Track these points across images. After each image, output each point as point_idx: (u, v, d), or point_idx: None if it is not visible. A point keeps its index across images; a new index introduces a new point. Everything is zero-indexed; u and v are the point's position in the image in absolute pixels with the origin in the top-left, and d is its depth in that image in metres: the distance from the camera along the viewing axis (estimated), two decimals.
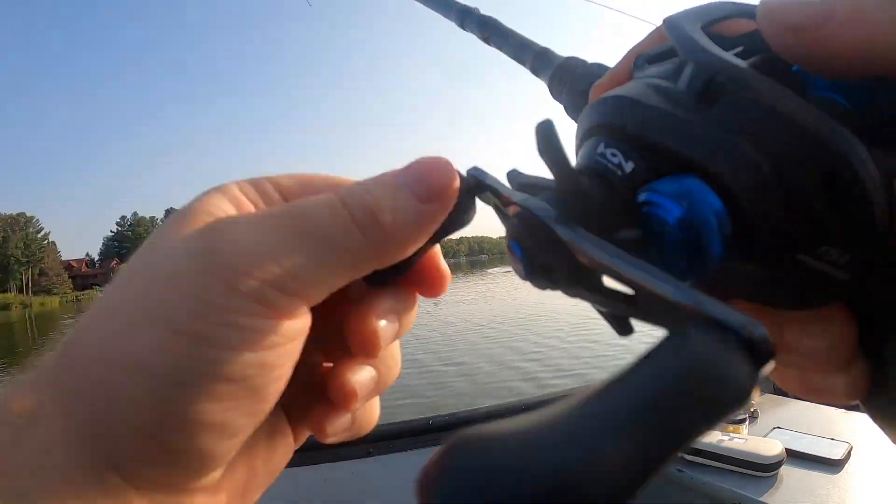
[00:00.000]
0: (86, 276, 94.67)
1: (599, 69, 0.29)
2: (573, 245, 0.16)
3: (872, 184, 0.16)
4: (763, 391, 2.43)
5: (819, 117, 0.16)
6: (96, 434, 0.19)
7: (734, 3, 0.20)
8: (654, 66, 0.20)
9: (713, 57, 0.17)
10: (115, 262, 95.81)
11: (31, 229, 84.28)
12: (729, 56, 0.17)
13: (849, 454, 1.59)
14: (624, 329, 0.19)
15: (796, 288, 0.18)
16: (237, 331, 0.19)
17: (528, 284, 0.19)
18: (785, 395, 2.56)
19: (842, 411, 1.97)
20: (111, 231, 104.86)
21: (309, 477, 1.74)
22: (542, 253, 0.18)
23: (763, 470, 1.56)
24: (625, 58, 0.23)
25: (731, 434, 1.73)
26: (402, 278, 0.25)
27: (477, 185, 0.23)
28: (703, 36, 0.18)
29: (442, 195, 0.22)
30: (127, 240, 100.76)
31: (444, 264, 0.26)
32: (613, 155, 0.18)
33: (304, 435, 0.29)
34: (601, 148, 0.19)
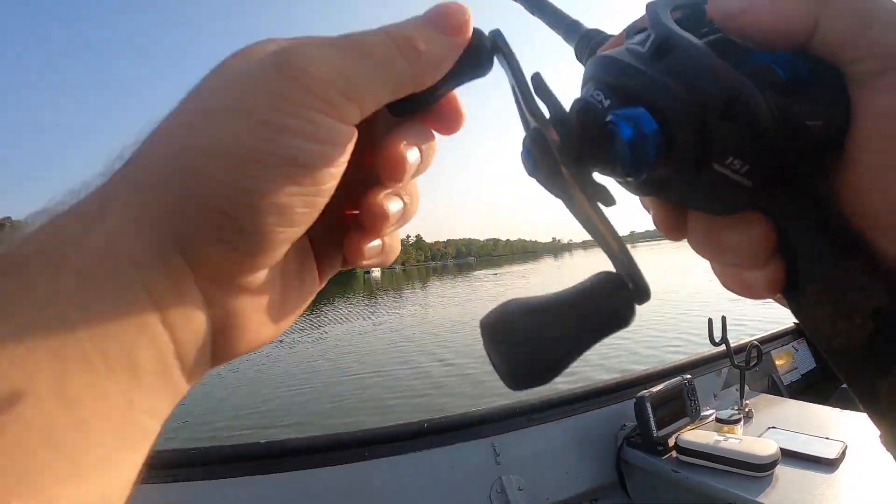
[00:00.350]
0: None
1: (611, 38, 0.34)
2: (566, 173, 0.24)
3: (762, 112, 0.22)
4: (758, 391, 2.44)
5: (724, 65, 0.23)
6: (169, 217, 0.21)
7: None
8: (637, 35, 0.26)
9: (665, 28, 0.24)
10: None
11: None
12: (677, 29, 0.24)
13: (844, 453, 1.60)
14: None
15: (717, 195, 0.24)
16: (308, 123, 0.22)
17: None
18: (780, 394, 2.57)
19: (836, 410, 1.97)
20: None
21: (308, 481, 1.73)
22: (545, 162, 0.25)
23: (758, 470, 1.56)
24: (623, 30, 0.29)
25: (726, 434, 1.73)
26: (425, 115, 0.29)
27: (494, 43, 0.28)
28: (667, 16, 0.25)
29: (460, 29, 0.26)
30: None
31: (461, 105, 0.30)
32: (597, 94, 0.26)
33: (328, 272, 0.32)
34: (591, 90, 0.26)
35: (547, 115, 0.25)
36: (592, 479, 1.95)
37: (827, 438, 1.67)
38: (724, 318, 2.17)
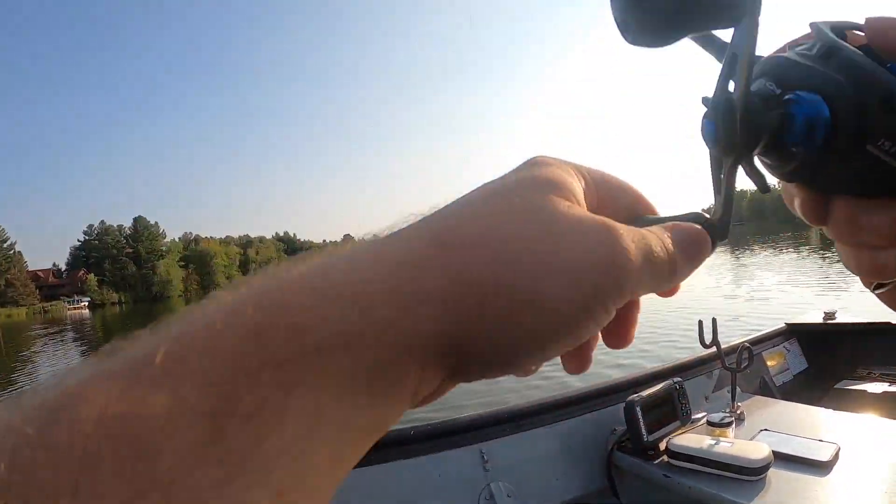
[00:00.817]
0: (53, 287, 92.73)
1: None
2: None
3: None
4: (750, 392, 2.42)
5: (880, 68, 0.28)
6: (460, 336, 0.23)
7: (854, 23, 0.32)
8: (799, 46, 0.31)
9: (830, 37, 0.29)
10: (82, 271, 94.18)
11: None
12: (839, 40, 0.29)
13: (837, 455, 1.57)
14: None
15: (869, 175, 0.29)
16: (605, 311, 0.26)
17: None
18: (772, 395, 2.55)
19: (829, 411, 1.95)
20: (78, 240, 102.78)
21: None
22: (726, 131, 0.29)
23: (750, 474, 1.53)
24: (783, 45, 0.33)
25: (718, 438, 1.70)
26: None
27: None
28: (829, 30, 0.30)
29: (703, 258, 0.30)
30: (94, 249, 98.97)
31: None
32: (771, 86, 0.31)
33: None
34: (764, 83, 0.31)
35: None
36: (583, 485, 1.92)
37: (820, 441, 1.65)
38: (714, 320, 2.15)
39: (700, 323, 2.17)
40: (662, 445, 1.76)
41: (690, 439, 1.73)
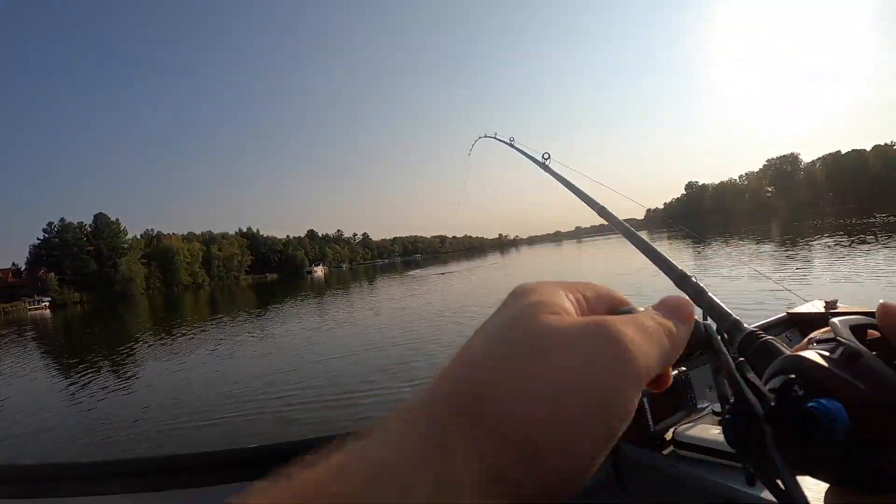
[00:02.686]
0: (13, 287, 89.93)
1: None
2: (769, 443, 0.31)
3: None
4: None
5: (891, 375, 0.30)
6: (507, 478, 0.26)
7: (867, 318, 0.36)
8: (821, 343, 0.34)
9: (852, 342, 0.32)
10: (43, 270, 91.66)
11: None
12: (859, 346, 0.32)
13: None
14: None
15: (879, 479, 0.31)
16: (631, 407, 0.29)
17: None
18: None
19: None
20: (38, 238, 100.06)
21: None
22: (750, 434, 0.32)
23: None
24: (806, 339, 0.38)
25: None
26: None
27: (708, 328, 0.36)
28: (849, 332, 0.33)
29: (691, 317, 0.35)
30: (55, 247, 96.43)
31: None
32: (794, 385, 0.33)
33: None
34: (785, 381, 0.33)
35: (749, 395, 0.33)
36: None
37: None
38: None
39: (703, 312, 2.14)
40: (669, 435, 1.74)
41: (697, 429, 1.71)
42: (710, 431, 1.67)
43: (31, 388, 12.76)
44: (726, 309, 0.69)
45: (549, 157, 2.47)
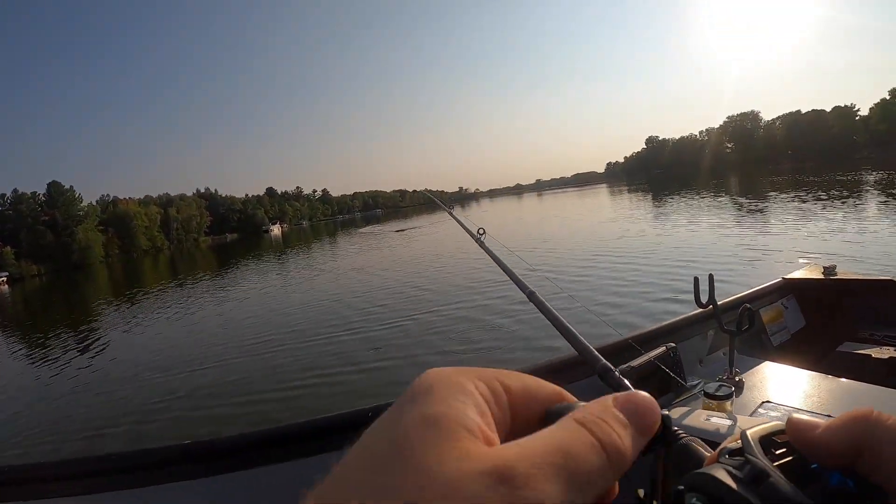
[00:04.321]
0: None
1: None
2: None
3: None
4: (746, 354, 2.28)
5: (804, 497, 0.30)
6: None
7: (778, 424, 0.36)
8: (731, 456, 0.34)
9: (758, 462, 0.32)
10: None
11: None
12: (767, 463, 0.32)
13: None
14: None
15: None
16: None
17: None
18: (769, 355, 2.39)
19: (834, 380, 1.88)
20: None
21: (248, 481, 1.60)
22: None
23: None
24: (717, 450, 0.36)
25: (717, 413, 1.61)
26: None
27: (666, 428, 0.34)
28: (759, 448, 0.33)
29: (653, 429, 0.30)
30: (8, 219, 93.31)
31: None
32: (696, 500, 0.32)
33: None
34: (693, 498, 0.32)
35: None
36: None
37: (828, 416, 1.57)
38: (710, 277, 2.03)
39: (696, 280, 2.05)
40: None
41: (688, 415, 1.64)
42: (702, 417, 1.60)
43: None
44: (596, 353, 0.78)
45: (485, 232, 2.56)
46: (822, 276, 3.00)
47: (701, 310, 2.13)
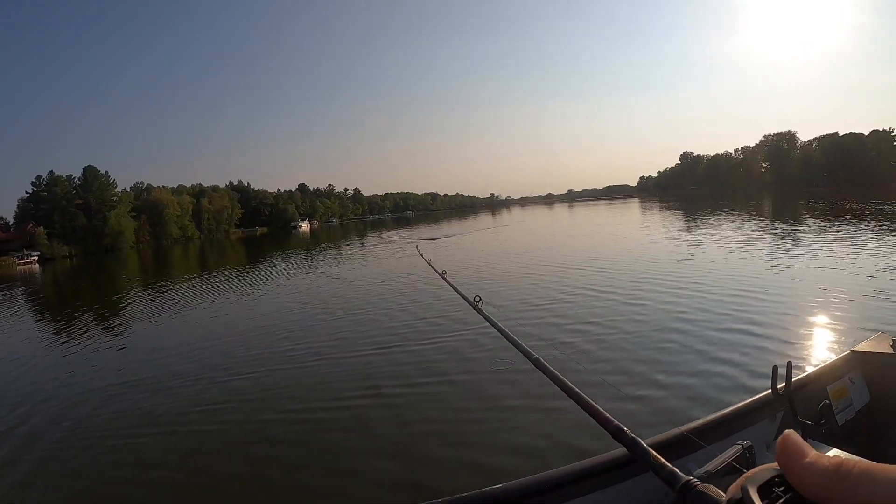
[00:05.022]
0: (1, 241, 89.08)
1: None
2: None
3: None
4: (810, 435, 2.09)
5: None
6: None
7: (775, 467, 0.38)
8: None
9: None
10: (31, 224, 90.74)
11: None
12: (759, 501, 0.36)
13: None
14: None
15: None
16: None
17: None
18: (834, 436, 2.16)
19: None
20: (26, 192, 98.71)
21: None
22: None
23: None
24: (727, 498, 0.42)
25: None
26: None
27: None
28: (756, 497, 0.36)
29: None
30: (43, 200, 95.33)
31: None
32: None
33: None
34: None
35: None
36: None
37: None
38: (789, 365, 1.86)
39: (774, 369, 1.88)
40: None
41: None
42: None
43: (28, 352, 12.39)
44: (659, 458, 0.89)
45: (481, 299, 2.59)
46: (891, 351, 2.78)
47: (765, 392, 1.95)
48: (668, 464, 0.67)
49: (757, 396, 2.08)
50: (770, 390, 1.93)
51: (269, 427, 5.83)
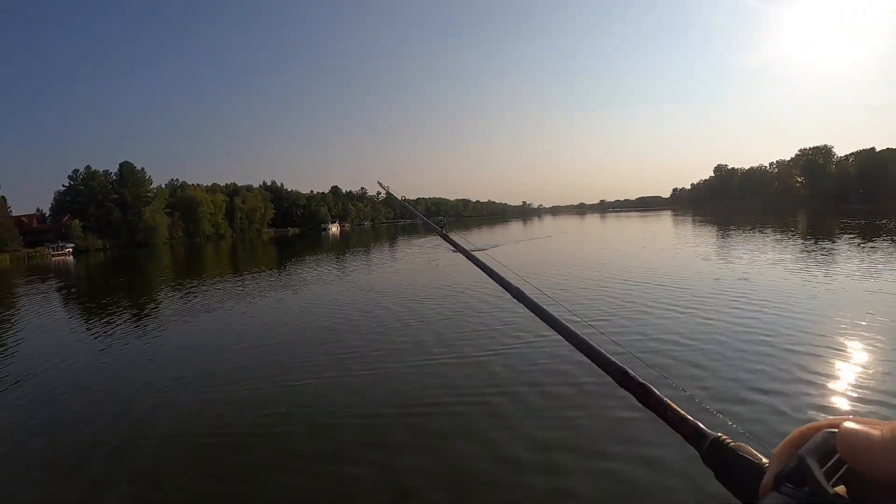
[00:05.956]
0: (37, 232, 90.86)
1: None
2: None
3: None
4: None
5: None
6: None
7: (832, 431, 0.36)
8: (790, 485, 0.36)
9: (822, 490, 0.33)
10: (66, 217, 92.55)
11: None
12: (829, 488, 0.33)
13: None
14: None
15: None
16: None
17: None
18: None
19: None
20: (63, 185, 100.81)
21: None
22: None
23: None
24: (773, 474, 0.39)
25: None
26: None
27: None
28: (819, 471, 0.34)
29: None
30: (79, 194, 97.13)
31: None
32: None
33: None
34: None
35: None
36: None
37: None
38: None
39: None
40: None
41: None
42: None
43: (65, 341, 12.66)
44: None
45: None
46: None
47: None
48: (691, 417, 0.62)
49: None
50: None
51: (330, 436, 5.59)
